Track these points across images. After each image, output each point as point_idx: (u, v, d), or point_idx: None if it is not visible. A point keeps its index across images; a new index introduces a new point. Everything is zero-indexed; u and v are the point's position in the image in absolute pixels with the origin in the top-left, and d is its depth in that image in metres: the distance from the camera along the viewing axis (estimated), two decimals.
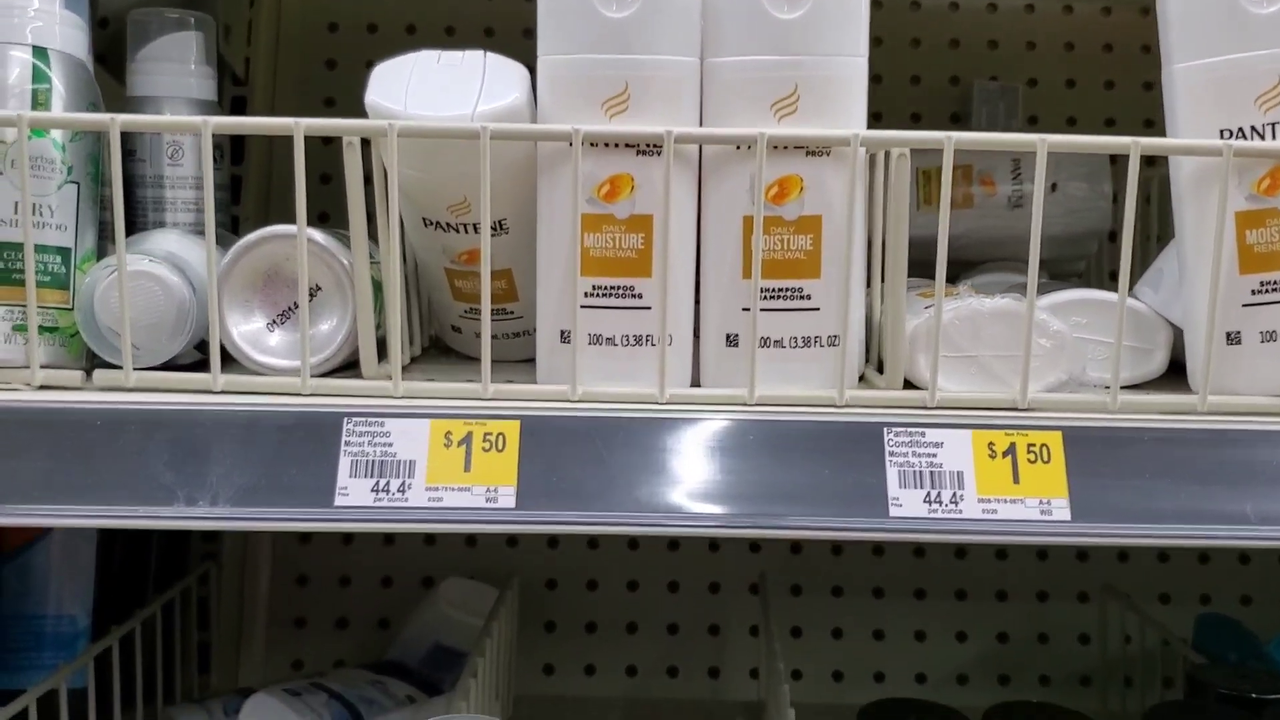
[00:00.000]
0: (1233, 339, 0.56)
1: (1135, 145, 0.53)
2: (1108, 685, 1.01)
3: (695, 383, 0.58)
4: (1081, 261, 0.93)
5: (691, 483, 0.53)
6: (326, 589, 1.04)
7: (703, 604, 1.05)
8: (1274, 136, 0.54)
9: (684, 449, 0.54)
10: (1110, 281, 0.88)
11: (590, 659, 1.05)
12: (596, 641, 1.05)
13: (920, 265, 0.58)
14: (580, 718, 1.01)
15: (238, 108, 1.02)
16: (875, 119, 1.05)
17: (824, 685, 1.05)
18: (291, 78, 1.04)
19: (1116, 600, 0.98)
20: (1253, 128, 0.55)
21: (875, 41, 1.05)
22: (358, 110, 0.57)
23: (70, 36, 0.58)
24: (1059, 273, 0.92)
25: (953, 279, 0.87)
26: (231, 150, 0.98)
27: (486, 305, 0.54)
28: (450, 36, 1.04)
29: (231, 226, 0.98)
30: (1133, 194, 0.54)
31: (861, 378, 0.60)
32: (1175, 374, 0.61)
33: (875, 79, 1.04)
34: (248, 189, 1.00)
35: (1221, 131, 0.55)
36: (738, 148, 0.55)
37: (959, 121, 1.05)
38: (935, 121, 1.05)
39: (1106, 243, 0.93)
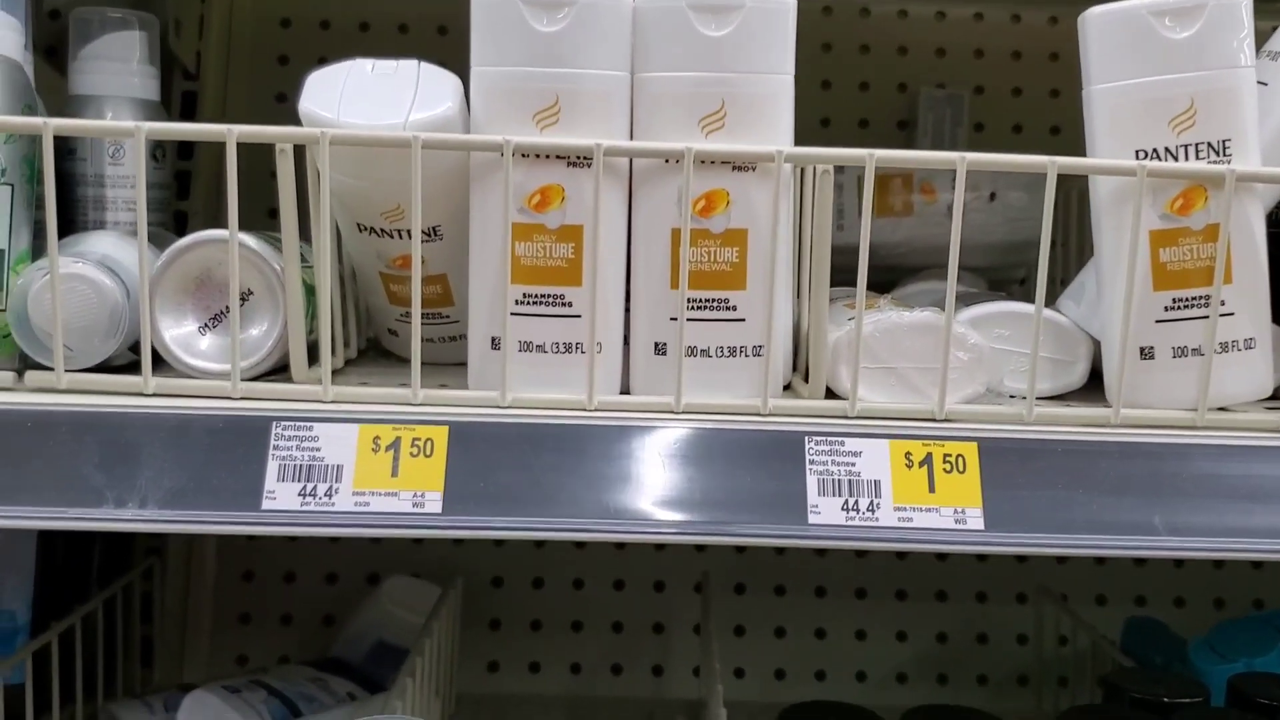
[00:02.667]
0: (1146, 354, 0.58)
1: (1052, 165, 0.55)
2: (1043, 685, 1.03)
3: (626, 389, 0.59)
4: (1022, 269, 0.95)
5: (617, 488, 0.54)
6: (271, 585, 1.04)
7: (647, 603, 1.06)
8: (1187, 158, 0.56)
9: (611, 455, 0.55)
10: (1052, 288, 0.90)
11: (535, 657, 1.06)
12: (541, 639, 1.06)
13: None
14: (524, 715, 1.02)
15: (188, 103, 1.02)
16: (824, 124, 1.07)
17: (766, 683, 1.07)
18: (243, 73, 1.04)
19: (1051, 602, 0.99)
20: (1167, 149, 0.56)
21: (824, 48, 1.07)
22: None
23: (5, 38, 0.58)
24: (1000, 280, 0.94)
25: (893, 285, 0.89)
26: (180, 145, 0.98)
27: (417, 312, 0.55)
28: (403, 34, 1.05)
29: (179, 223, 0.98)
30: (1049, 212, 0.55)
31: (788, 386, 0.62)
32: (1096, 384, 0.63)
33: (824, 85, 1.06)
34: (197, 184, 1.01)
35: (1137, 152, 0.56)
36: (666, 161, 0.55)
37: (906, 128, 1.07)
38: (883, 128, 1.07)
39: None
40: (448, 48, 1.03)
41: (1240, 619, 0.86)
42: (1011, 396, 0.61)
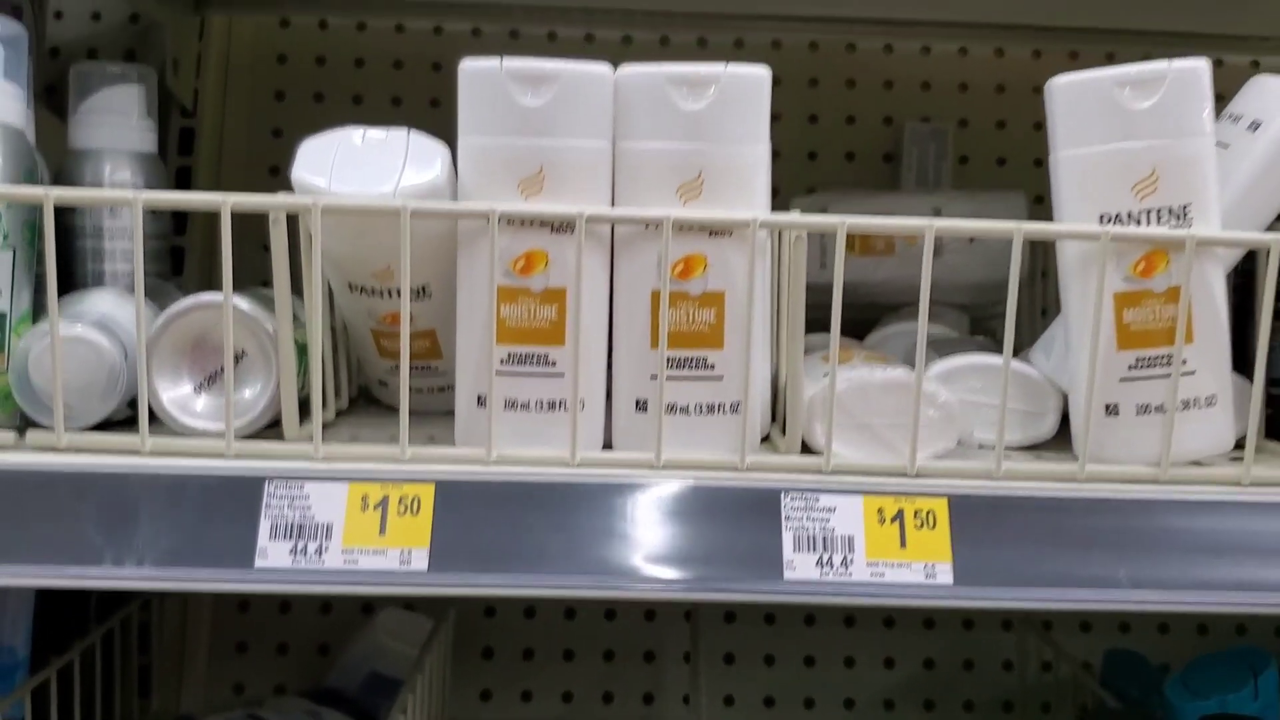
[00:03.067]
0: (1111, 410, 0.59)
1: (1019, 230, 0.57)
2: (1027, 712, 1.05)
3: (608, 445, 0.61)
4: (1002, 305, 0.96)
5: (600, 544, 0.56)
6: (267, 614, 1.06)
7: (638, 631, 1.08)
8: (1149, 222, 0.58)
9: (594, 511, 0.56)
10: (1028, 324, 0.92)
11: (527, 685, 1.08)
12: (533, 668, 1.08)
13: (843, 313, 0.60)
14: None
15: (186, 139, 1.03)
16: (810, 158, 1.09)
17: (755, 711, 1.08)
18: (240, 110, 1.05)
19: (1034, 630, 1.01)
20: (1129, 214, 0.58)
21: (811, 82, 1.09)
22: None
23: (7, 106, 0.60)
24: (982, 317, 0.95)
25: (874, 323, 0.90)
26: (177, 184, 1.00)
27: (405, 377, 0.57)
28: (398, 70, 1.06)
29: (175, 258, 1.00)
30: (1015, 277, 0.57)
31: (766, 438, 0.63)
32: (1066, 433, 0.64)
33: (811, 119, 1.08)
34: (194, 219, 1.02)
35: (1101, 216, 0.58)
36: (646, 227, 0.57)
37: (891, 161, 1.08)
38: (869, 161, 1.08)
39: (1027, 287, 0.96)
40: (440, 84, 1.05)
41: (1218, 653, 0.88)
42: (982, 446, 0.63)
